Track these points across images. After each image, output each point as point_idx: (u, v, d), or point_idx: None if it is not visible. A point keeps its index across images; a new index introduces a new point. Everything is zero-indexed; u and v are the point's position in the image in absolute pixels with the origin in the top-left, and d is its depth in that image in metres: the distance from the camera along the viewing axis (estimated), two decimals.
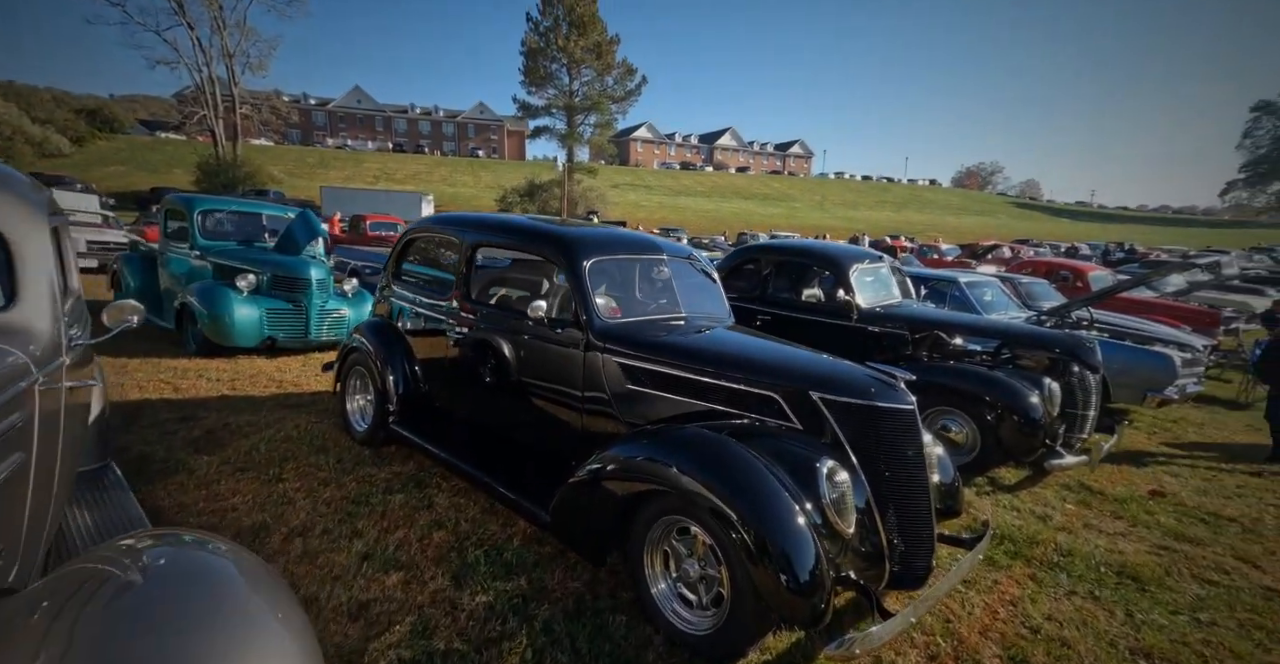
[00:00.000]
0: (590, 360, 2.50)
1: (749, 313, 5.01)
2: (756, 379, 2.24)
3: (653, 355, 2.40)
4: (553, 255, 2.66)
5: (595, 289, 2.59)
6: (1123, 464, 4.13)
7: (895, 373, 2.25)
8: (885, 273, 4.87)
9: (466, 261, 2.96)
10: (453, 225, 3.18)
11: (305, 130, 71.61)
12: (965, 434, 3.81)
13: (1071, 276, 9.95)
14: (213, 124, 34.94)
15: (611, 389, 2.46)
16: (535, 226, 2.97)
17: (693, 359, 2.36)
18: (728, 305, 3.26)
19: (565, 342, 2.56)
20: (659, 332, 2.61)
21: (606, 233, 3.03)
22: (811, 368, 2.31)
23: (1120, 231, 51.86)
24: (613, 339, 2.47)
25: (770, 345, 2.60)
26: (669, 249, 3.04)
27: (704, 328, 2.72)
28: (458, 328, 2.94)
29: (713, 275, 3.24)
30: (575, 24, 36.17)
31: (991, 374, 3.77)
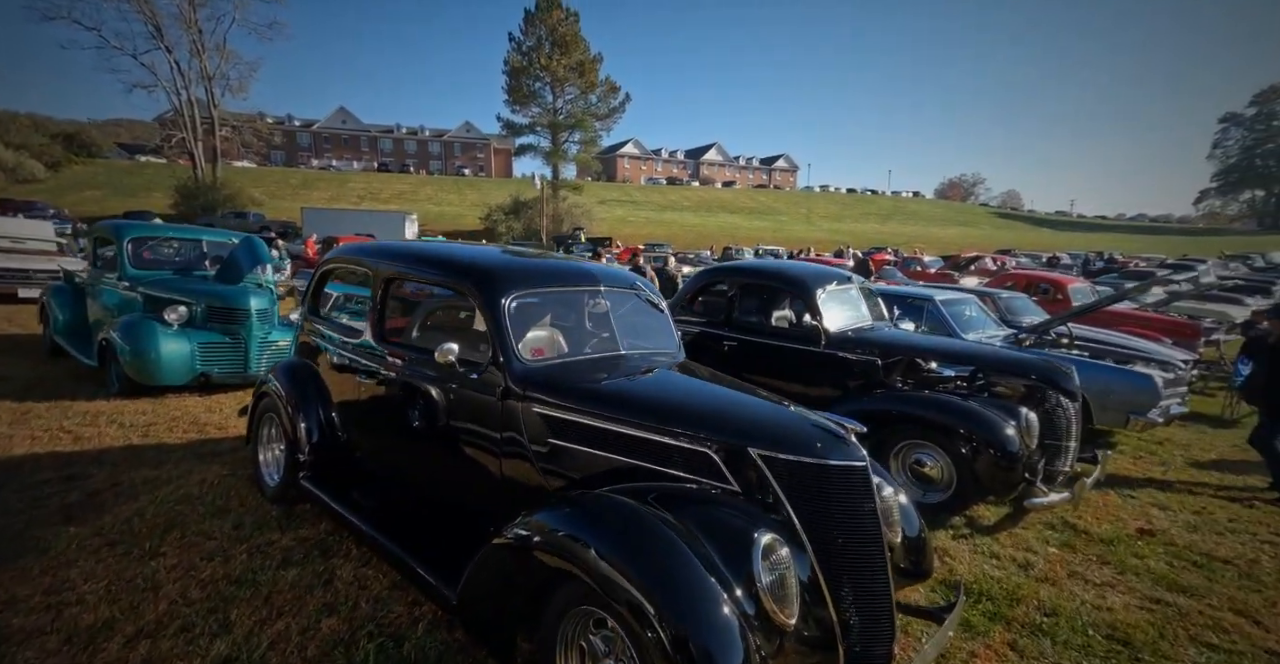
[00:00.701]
0: (508, 410, 2.20)
1: (715, 338, 4.76)
2: (689, 433, 1.95)
3: (576, 405, 2.10)
4: (467, 289, 2.36)
5: (518, 327, 2.31)
6: (1108, 493, 3.88)
7: (845, 423, 1.98)
8: (855, 294, 4.65)
9: (380, 296, 2.66)
10: (366, 255, 2.89)
11: (290, 151, 71.53)
12: (940, 469, 3.54)
13: (1051, 290, 9.85)
14: (192, 147, 34.65)
15: (533, 444, 2.16)
16: (448, 256, 2.68)
17: (621, 409, 2.07)
18: (677, 338, 2.99)
19: (480, 388, 2.26)
20: (590, 374, 2.33)
21: (531, 262, 2.74)
22: (751, 418, 2.03)
23: (1100, 241, 52.78)
24: (534, 385, 2.17)
25: (711, 390, 2.31)
26: (607, 278, 2.76)
27: (643, 368, 2.44)
28: (371, 371, 2.64)
29: (660, 305, 2.98)
30: (558, 43, 36.59)
31: (965, 404, 3.52)
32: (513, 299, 2.29)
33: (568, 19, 36.81)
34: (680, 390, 2.27)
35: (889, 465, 3.72)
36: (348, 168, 66.02)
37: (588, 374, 2.32)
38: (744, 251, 29.33)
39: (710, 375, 2.62)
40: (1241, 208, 79.24)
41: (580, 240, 32.42)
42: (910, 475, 3.67)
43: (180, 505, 2.83)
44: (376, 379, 2.61)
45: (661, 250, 30.41)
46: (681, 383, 2.36)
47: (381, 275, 2.67)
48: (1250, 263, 27.08)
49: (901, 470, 3.71)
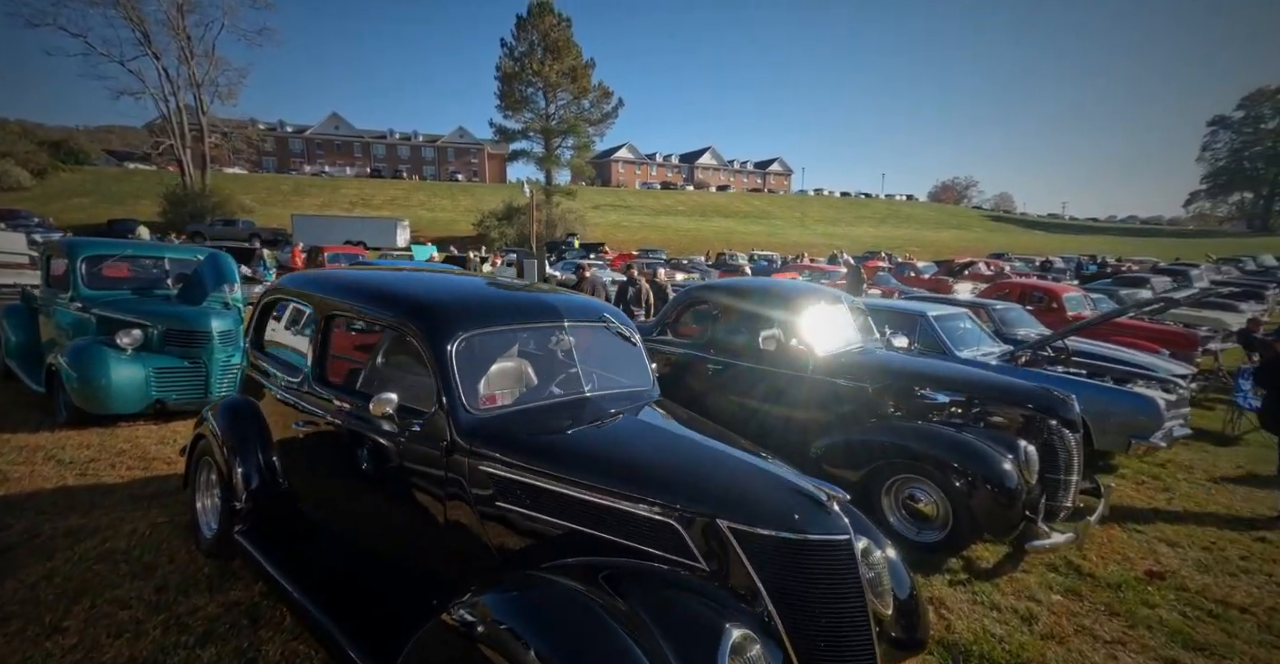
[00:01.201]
0: (454, 467, 1.94)
1: (699, 362, 4.54)
2: (650, 501, 1.72)
3: (527, 462, 1.86)
4: (408, 329, 2.10)
5: (467, 371, 2.05)
6: (1113, 527, 3.67)
7: (827, 489, 1.75)
8: (844, 314, 4.44)
9: (320, 333, 2.42)
10: (308, 286, 2.63)
11: (282, 158, 71.13)
12: (935, 505, 3.32)
13: (1046, 299, 9.70)
14: (180, 154, 34.31)
15: (480, 506, 1.91)
16: (387, 289, 2.42)
17: (575, 468, 1.83)
18: (652, 372, 2.76)
19: (425, 441, 2.00)
20: (547, 425, 2.09)
21: (485, 297, 2.49)
22: (722, 483, 1.79)
23: (1092, 243, 52.98)
24: (484, 438, 1.92)
25: (681, 444, 2.07)
26: (572, 311, 2.50)
27: (608, 415, 2.20)
28: (310, 417, 2.39)
29: (631, 336, 2.74)
30: (550, 49, 36.51)
31: (959, 437, 3.31)
32: (461, 340, 2.04)
33: (560, 24, 36.75)
34: (644, 445, 2.03)
35: (881, 501, 3.50)
36: (340, 174, 65.68)
37: (544, 425, 2.08)
38: (738, 257, 29.18)
39: (686, 419, 2.39)
40: (1231, 210, 79.90)
41: (574, 246, 32.23)
42: (904, 512, 3.45)
43: (99, 564, 2.56)
44: (317, 425, 2.36)
45: (655, 256, 30.27)
46: (648, 434, 2.12)
47: (322, 310, 2.44)
48: (1241, 266, 27.17)
49: (895, 507, 3.49)
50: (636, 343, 2.75)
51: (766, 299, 4.32)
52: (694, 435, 2.10)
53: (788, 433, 4.13)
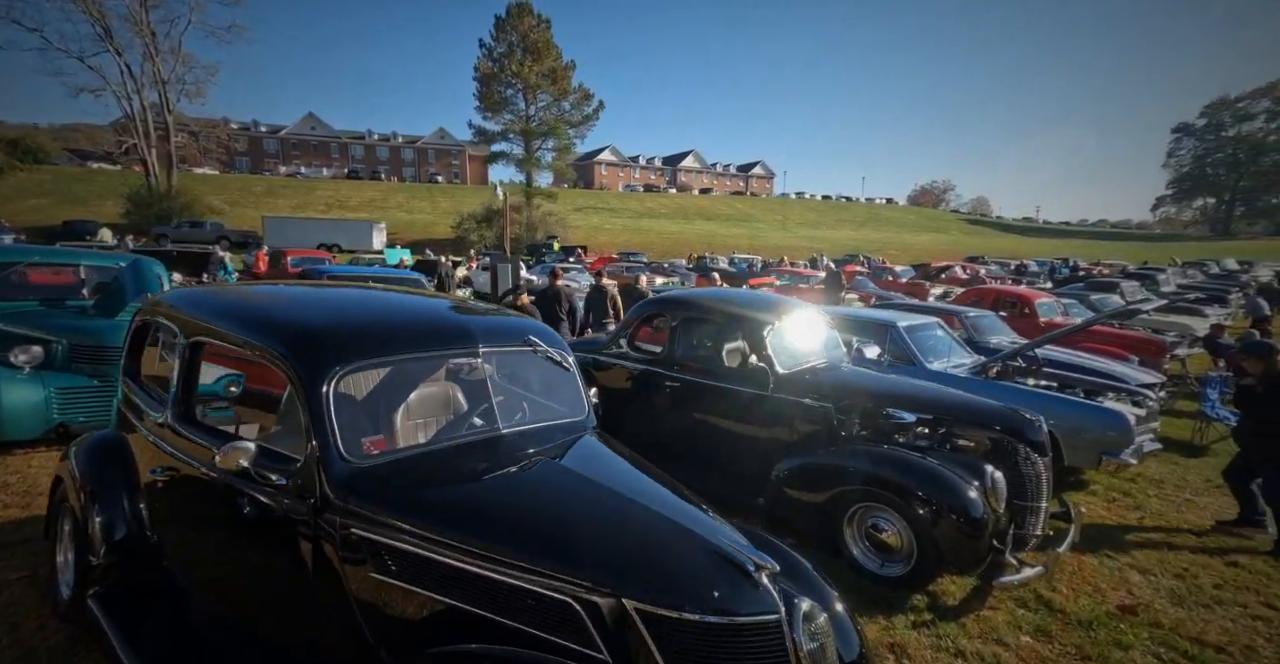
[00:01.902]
0: (323, 530, 1.61)
1: (657, 378, 4.28)
2: (545, 573, 1.43)
3: (405, 524, 1.55)
4: (275, 360, 1.76)
5: (348, 411, 1.74)
6: (1084, 553, 3.50)
7: (756, 558, 1.48)
8: (810, 328, 4.22)
9: (186, 361, 2.06)
10: (181, 304, 2.27)
11: (255, 158, 69.44)
12: (899, 537, 3.10)
13: (1019, 305, 9.67)
14: (144, 153, 33.07)
15: (352, 579, 1.58)
16: (264, 311, 2.08)
17: (461, 530, 1.53)
18: (589, 401, 2.47)
19: (291, 497, 1.68)
20: (443, 472, 1.79)
21: (380, 320, 2.12)
22: (632, 550, 1.51)
23: (1065, 246, 54.21)
24: (361, 493, 1.61)
25: (599, 493, 1.76)
26: (489, 334, 2.18)
27: (526, 456, 1.91)
28: (174, 462, 2.05)
29: (564, 362, 2.45)
30: (529, 50, 36.12)
31: (922, 462, 3.09)
32: (339, 375, 1.72)
33: (539, 25, 36.40)
34: (551, 500, 1.73)
35: (843, 531, 3.27)
36: (317, 175, 64.26)
37: (437, 474, 1.78)
38: (718, 259, 29.08)
39: (613, 462, 2.09)
40: (1195, 214, 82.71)
41: (554, 249, 31.82)
42: (867, 543, 3.23)
43: None
44: (179, 472, 2.03)
45: (636, 259, 30.01)
46: (560, 485, 1.82)
47: (189, 333, 2.07)
48: (1206, 269, 27.89)
49: (858, 538, 3.26)
50: (570, 367, 2.47)
51: (726, 312, 4.08)
52: (615, 485, 1.79)
53: (748, 454, 3.89)
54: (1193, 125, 76.99)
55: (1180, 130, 78.25)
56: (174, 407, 2.04)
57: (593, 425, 2.41)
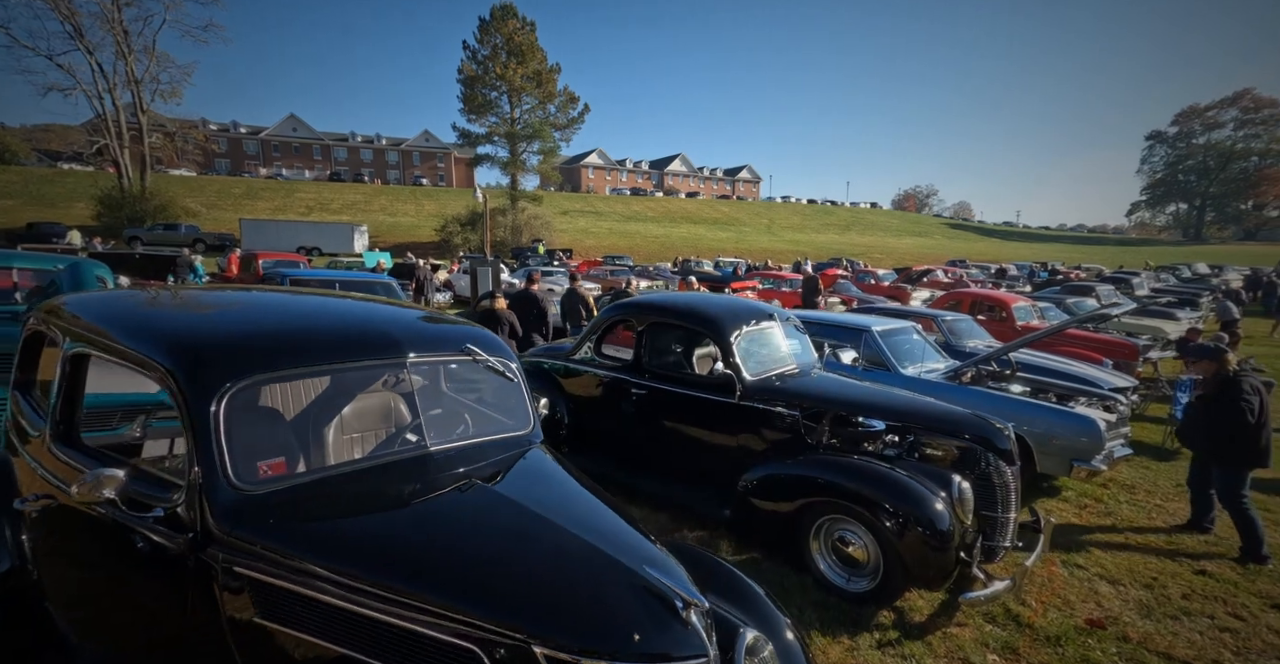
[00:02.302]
0: (204, 569, 1.41)
1: (623, 386, 4.15)
2: (449, 616, 1.28)
3: (300, 561, 1.37)
4: (159, 373, 1.54)
5: (242, 430, 1.55)
6: (1053, 563, 3.44)
7: (684, 594, 1.35)
8: (779, 333, 4.12)
9: (66, 374, 1.83)
10: (70, 313, 2.02)
11: (235, 160, 68.25)
12: (865, 550, 3.01)
13: (996, 308, 9.73)
14: (117, 154, 32.22)
15: (238, 627, 1.40)
16: (154, 317, 1.86)
17: (363, 567, 1.37)
18: (534, 414, 2.33)
19: (168, 530, 1.48)
20: (353, 500, 1.62)
21: (288, 327, 1.90)
22: (547, 587, 1.37)
23: (1044, 250, 55.27)
24: (251, 526, 1.42)
25: (525, 521, 1.59)
26: (419, 342, 1.99)
27: (454, 478, 1.77)
28: (55, 488, 1.81)
29: (507, 371, 2.30)
30: (514, 52, 35.97)
31: (888, 473, 3.00)
32: (232, 391, 1.53)
33: (524, 28, 36.28)
34: (470, 528, 1.57)
35: (809, 545, 3.17)
36: (298, 177, 63.29)
37: (343, 501, 1.60)
38: (703, 263, 29.08)
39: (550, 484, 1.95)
40: (1168, 220, 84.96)
41: (538, 252, 31.60)
42: (834, 557, 3.13)
43: None
44: (59, 501, 1.84)
45: (621, 262, 29.90)
46: (487, 511, 1.64)
47: (74, 342, 1.85)
48: (1178, 273, 28.56)
49: (824, 551, 3.16)
50: (514, 377, 2.33)
51: (692, 318, 3.97)
52: (545, 510, 1.64)
53: (715, 464, 3.78)
54: (1165, 133, 79.19)
55: (1153, 138, 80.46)
56: (52, 425, 1.83)
57: (539, 439, 2.28)
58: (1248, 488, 3.64)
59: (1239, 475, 3.62)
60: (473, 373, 2.30)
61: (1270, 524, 4.15)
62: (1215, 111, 73.48)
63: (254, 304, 2.19)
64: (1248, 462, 3.59)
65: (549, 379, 4.72)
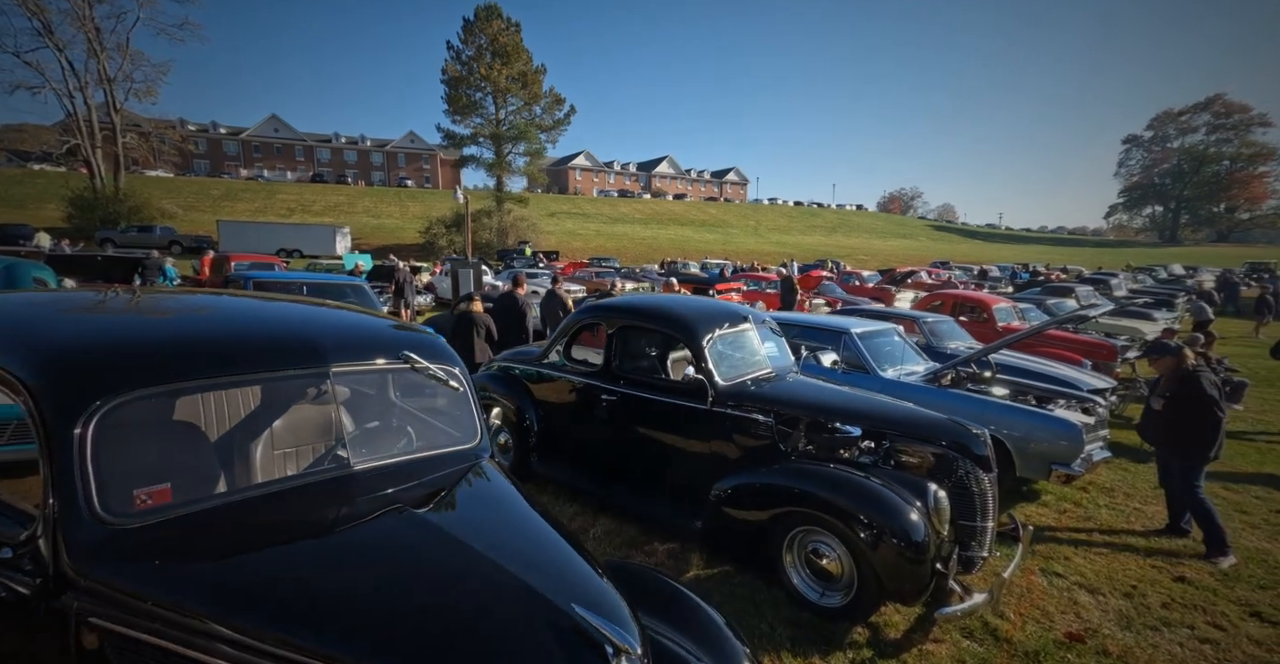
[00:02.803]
0: (54, 623, 1.21)
1: (594, 392, 4.00)
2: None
3: (167, 607, 1.17)
4: (19, 394, 1.34)
5: (116, 456, 1.33)
6: (1032, 572, 3.35)
7: (614, 638, 1.20)
8: (752, 336, 4.00)
9: None
10: None
11: (215, 161, 66.99)
12: (838, 563, 2.89)
13: (977, 310, 9.74)
14: (89, 154, 31.37)
15: None
16: (19, 327, 1.60)
17: (244, 615, 1.17)
18: (480, 427, 2.16)
19: (14, 575, 1.27)
20: (253, 529, 1.42)
21: (184, 334, 1.68)
22: (457, 634, 1.20)
23: (1025, 252, 56.17)
24: (114, 566, 1.22)
25: (450, 552, 1.41)
26: (345, 348, 1.79)
27: (381, 500, 1.60)
28: None
29: (450, 380, 2.09)
30: (498, 53, 35.72)
31: (861, 481, 2.89)
32: (103, 410, 1.31)
33: (509, 29, 36.05)
34: (380, 564, 1.37)
35: (783, 558, 3.04)
36: (280, 178, 62.31)
37: (244, 533, 1.40)
38: (689, 265, 29.04)
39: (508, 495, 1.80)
40: (1145, 222, 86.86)
41: (525, 254, 31.32)
42: (808, 571, 3.00)
43: None
44: None
45: (608, 264, 29.74)
46: (398, 543, 1.44)
47: None
48: (1155, 274, 29.14)
49: (797, 564, 3.04)
50: (460, 386, 2.16)
51: (663, 321, 3.84)
52: (473, 538, 1.45)
53: (687, 473, 3.64)
54: (1141, 137, 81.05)
55: (1130, 141, 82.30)
56: None
57: (486, 453, 2.12)
58: (1202, 480, 3.69)
59: (1197, 469, 3.68)
60: (419, 381, 2.14)
61: (1247, 526, 4.12)
62: (1189, 116, 75.39)
63: (160, 309, 2.00)
64: (1206, 457, 3.65)
65: (519, 385, 4.55)
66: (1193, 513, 3.71)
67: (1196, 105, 74.61)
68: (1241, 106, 71.89)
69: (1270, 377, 9.90)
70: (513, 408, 4.42)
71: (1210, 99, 73.62)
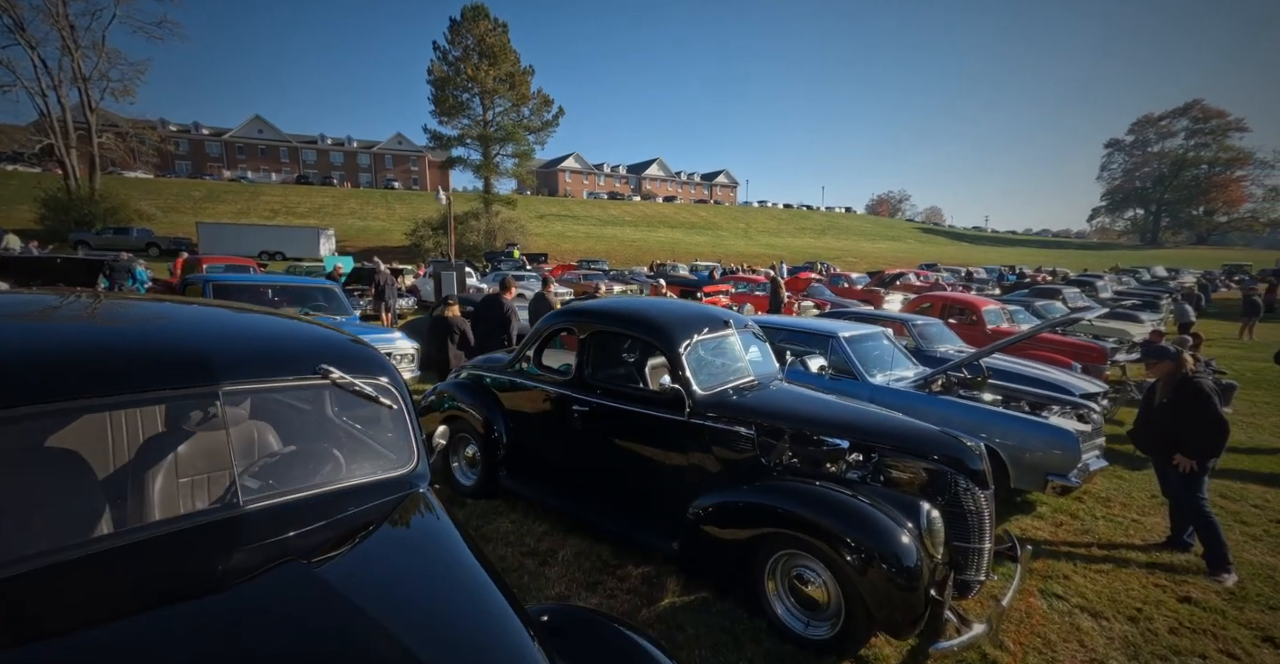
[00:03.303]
0: None
1: (562, 401, 3.74)
2: None
3: None
4: None
5: None
6: (1031, 594, 3.14)
7: None
8: (733, 342, 3.77)
9: None
10: None
11: (197, 162, 65.88)
12: (824, 589, 2.65)
13: (967, 312, 9.61)
14: (63, 154, 30.56)
15: None
16: None
17: None
18: (418, 450, 1.88)
19: None
20: (99, 597, 1.14)
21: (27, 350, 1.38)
22: None
23: (1011, 254, 56.73)
24: None
25: (338, 619, 1.14)
26: (243, 363, 1.54)
27: (265, 549, 1.32)
28: None
29: (381, 396, 1.81)
30: (485, 54, 35.37)
31: (847, 501, 2.65)
32: None
33: (496, 29, 35.74)
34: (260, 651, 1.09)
35: (765, 585, 2.80)
36: (264, 180, 61.34)
37: (84, 601, 1.13)
38: (678, 267, 28.87)
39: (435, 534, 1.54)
40: (1127, 225, 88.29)
41: (513, 256, 30.95)
42: (792, 598, 2.76)
43: None
44: None
45: (596, 266, 29.47)
46: (282, 617, 1.15)
47: None
48: (1138, 276, 29.47)
49: (781, 592, 2.79)
50: (395, 403, 1.89)
51: (638, 326, 3.59)
52: (372, 605, 1.17)
53: (663, 490, 3.40)
54: (1122, 141, 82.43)
55: (1112, 145, 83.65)
56: None
57: (423, 480, 1.85)
58: (1206, 491, 3.51)
59: (1200, 479, 3.49)
60: (340, 401, 1.87)
61: (1249, 538, 3.96)
62: (1168, 121, 76.83)
63: (30, 315, 1.71)
64: (1207, 466, 3.47)
65: (488, 394, 4.28)
66: (1196, 527, 3.53)
67: (1175, 110, 76.10)
68: (1219, 112, 73.41)
69: (1257, 378, 9.87)
70: (480, 419, 4.14)
71: (1189, 104, 75.11)
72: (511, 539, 3.49)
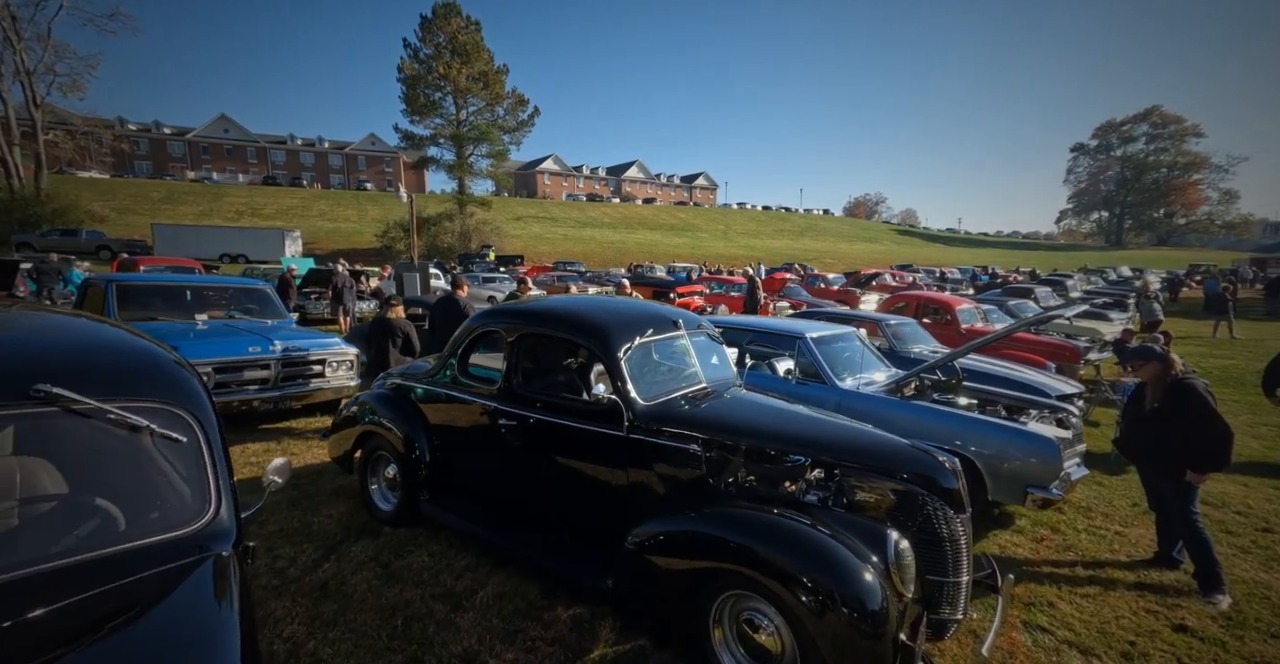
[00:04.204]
0: None
1: (489, 415, 3.27)
2: None
3: None
4: None
5: None
6: (1014, 627, 2.78)
7: None
8: (683, 345, 3.35)
9: None
10: None
11: (159, 162, 63.45)
12: (776, 637, 2.24)
13: (941, 311, 9.40)
14: (5, 152, 28.85)
15: None
16: None
17: None
18: (216, 496, 1.41)
19: None
20: None
21: None
22: None
23: (984, 255, 57.86)
24: None
25: None
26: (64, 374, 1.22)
27: None
28: None
29: (180, 430, 1.40)
30: (458, 52, 34.64)
31: (803, 530, 2.25)
32: None
33: (468, 27, 35.04)
34: None
35: (712, 633, 2.38)
36: (231, 181, 59.29)
37: None
38: (656, 268, 28.50)
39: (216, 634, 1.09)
40: (1092, 227, 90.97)
41: (487, 258, 30.21)
42: (741, 648, 2.34)
43: None
44: None
45: (572, 268, 28.90)
46: None
47: None
48: (1105, 276, 30.09)
49: (728, 639, 2.37)
50: (183, 434, 1.43)
51: (569, 327, 3.14)
52: None
53: (597, 516, 2.96)
54: (1087, 145, 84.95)
55: (1077, 150, 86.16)
56: None
57: (224, 540, 1.38)
58: (1198, 505, 3.21)
59: (1193, 491, 3.18)
60: (105, 433, 1.39)
61: (1238, 551, 3.68)
62: (1129, 126, 79.36)
63: None
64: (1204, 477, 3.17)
65: (410, 408, 3.78)
66: (1187, 544, 3.22)
67: (1136, 116, 78.68)
68: (1176, 118, 76.15)
69: (1224, 376, 9.86)
70: (400, 436, 3.64)
71: (1148, 110, 77.72)
72: (425, 577, 3.00)
